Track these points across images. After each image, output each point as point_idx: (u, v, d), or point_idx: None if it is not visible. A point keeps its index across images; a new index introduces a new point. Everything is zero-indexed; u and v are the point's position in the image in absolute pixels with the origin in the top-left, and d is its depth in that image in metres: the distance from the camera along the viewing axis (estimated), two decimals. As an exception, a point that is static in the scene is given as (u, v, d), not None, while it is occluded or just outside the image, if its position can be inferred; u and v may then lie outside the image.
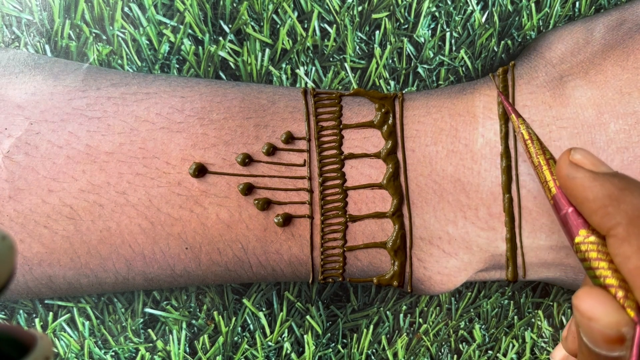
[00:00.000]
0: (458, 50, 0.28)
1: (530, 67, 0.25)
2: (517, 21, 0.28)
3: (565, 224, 0.20)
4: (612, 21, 0.26)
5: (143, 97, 0.25)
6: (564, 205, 0.21)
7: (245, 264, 0.25)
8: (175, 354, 0.28)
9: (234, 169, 0.24)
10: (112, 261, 0.24)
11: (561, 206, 0.21)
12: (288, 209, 0.25)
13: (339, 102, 0.26)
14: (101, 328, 0.28)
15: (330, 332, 0.29)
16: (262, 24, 0.28)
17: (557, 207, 0.21)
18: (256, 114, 0.25)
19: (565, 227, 0.21)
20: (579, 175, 0.19)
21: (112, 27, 0.27)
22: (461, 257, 0.25)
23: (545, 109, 0.24)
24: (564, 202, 0.21)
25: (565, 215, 0.20)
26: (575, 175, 0.20)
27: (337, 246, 0.25)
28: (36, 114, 0.24)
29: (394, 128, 0.25)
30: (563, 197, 0.21)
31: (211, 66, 0.28)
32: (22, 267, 0.24)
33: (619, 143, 0.24)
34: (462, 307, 0.29)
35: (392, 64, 0.28)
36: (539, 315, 0.29)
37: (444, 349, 0.29)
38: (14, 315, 0.28)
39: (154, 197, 0.24)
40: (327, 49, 0.28)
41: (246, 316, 0.28)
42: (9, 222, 0.24)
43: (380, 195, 0.25)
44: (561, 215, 0.21)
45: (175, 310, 0.28)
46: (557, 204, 0.21)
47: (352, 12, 0.28)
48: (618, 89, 0.24)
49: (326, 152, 0.25)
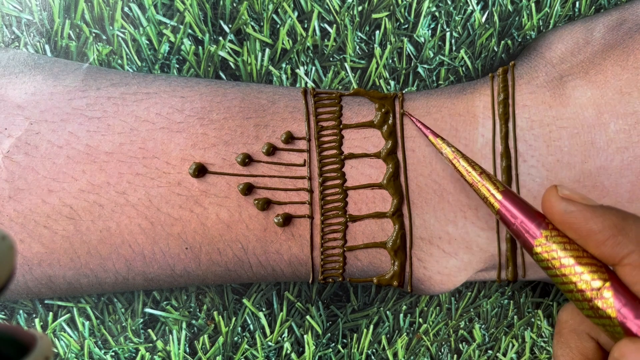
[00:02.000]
0: (458, 50, 0.28)
1: (530, 67, 0.26)
2: (517, 21, 0.28)
3: (519, 235, 0.20)
4: (612, 21, 0.26)
5: (143, 97, 0.25)
6: (513, 217, 0.20)
7: (245, 264, 0.25)
8: (175, 354, 0.28)
9: (234, 169, 0.24)
10: (112, 261, 0.24)
11: (510, 219, 0.20)
12: (288, 209, 0.25)
13: (339, 102, 0.26)
14: (101, 328, 0.28)
15: (330, 332, 0.29)
16: (262, 24, 0.28)
17: (505, 220, 0.20)
18: (256, 114, 0.25)
19: (520, 238, 0.20)
20: (576, 208, 0.19)
21: (112, 27, 0.27)
22: (461, 257, 0.25)
23: (545, 109, 0.24)
24: (512, 213, 0.20)
25: (517, 228, 0.20)
26: (573, 209, 0.19)
27: (337, 246, 0.25)
28: (36, 114, 0.24)
29: (394, 128, 0.25)
30: (509, 209, 0.20)
31: (211, 66, 0.28)
32: (22, 267, 0.24)
33: (619, 143, 0.24)
34: (462, 307, 0.29)
35: (392, 64, 0.28)
36: (539, 314, 0.29)
37: (444, 349, 0.29)
38: (14, 315, 0.28)
39: (154, 197, 0.24)
40: (327, 49, 0.28)
41: (246, 316, 0.28)
42: (9, 222, 0.24)
43: (380, 195, 0.25)
44: (513, 228, 0.20)
45: (175, 310, 0.28)
46: (504, 218, 0.20)
47: (352, 12, 0.28)
48: (618, 88, 0.24)
49: (326, 152, 0.25)
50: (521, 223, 0.20)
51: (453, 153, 0.22)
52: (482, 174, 0.21)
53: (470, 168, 0.22)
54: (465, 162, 0.22)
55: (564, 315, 0.20)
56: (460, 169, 0.22)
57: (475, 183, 0.21)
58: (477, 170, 0.22)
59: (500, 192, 0.21)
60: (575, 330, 0.20)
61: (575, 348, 0.20)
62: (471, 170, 0.22)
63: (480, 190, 0.21)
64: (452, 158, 0.22)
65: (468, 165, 0.22)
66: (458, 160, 0.22)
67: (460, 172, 0.22)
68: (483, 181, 0.21)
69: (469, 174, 0.22)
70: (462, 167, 0.22)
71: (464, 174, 0.22)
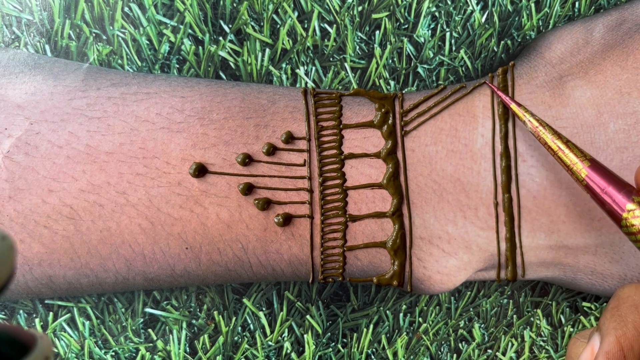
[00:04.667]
0: (458, 50, 0.28)
1: (530, 67, 0.26)
2: (517, 21, 0.28)
3: (605, 203, 0.20)
4: (612, 21, 0.26)
5: (143, 97, 0.25)
6: (601, 185, 0.20)
7: (245, 264, 0.25)
8: (175, 354, 0.28)
9: (234, 169, 0.24)
10: (112, 261, 0.24)
11: (598, 186, 0.20)
12: (288, 208, 0.25)
13: (339, 102, 0.26)
14: (101, 328, 0.28)
15: (330, 332, 0.29)
16: (262, 24, 0.28)
17: (591, 188, 0.20)
18: (256, 114, 0.25)
19: (605, 206, 0.20)
20: None
21: (112, 27, 0.27)
22: (461, 257, 0.25)
23: (544, 109, 0.24)
24: (600, 181, 0.20)
25: (604, 194, 0.20)
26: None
27: (337, 246, 0.25)
28: (36, 114, 0.24)
29: (394, 128, 0.25)
30: (597, 177, 0.20)
31: (211, 66, 0.28)
32: (22, 267, 0.24)
33: (619, 143, 0.24)
34: (462, 307, 0.29)
35: (392, 64, 0.28)
36: (538, 314, 0.29)
37: (444, 348, 0.29)
38: (14, 315, 0.28)
39: (154, 197, 0.24)
40: (327, 49, 0.28)
41: (246, 316, 0.28)
42: (9, 222, 0.24)
43: (380, 195, 0.25)
44: (600, 195, 0.20)
45: (175, 310, 0.28)
46: (591, 186, 0.20)
47: (352, 12, 0.28)
48: (617, 88, 0.24)
49: (326, 152, 0.25)
50: (609, 192, 0.20)
51: (538, 121, 0.23)
52: (568, 142, 0.22)
53: (556, 136, 0.22)
54: (551, 131, 0.22)
55: (626, 291, 0.20)
56: (545, 136, 0.22)
57: (561, 150, 0.21)
58: (563, 139, 0.22)
59: (588, 159, 0.21)
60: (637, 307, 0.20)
61: (632, 322, 0.20)
62: (557, 138, 0.22)
63: (566, 157, 0.21)
64: (537, 125, 0.22)
65: (554, 133, 0.22)
66: (544, 127, 0.22)
67: (545, 140, 0.22)
68: (570, 148, 0.21)
69: (555, 141, 0.22)
70: (547, 135, 0.22)
71: (549, 141, 0.22)
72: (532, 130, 0.23)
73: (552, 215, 0.24)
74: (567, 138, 0.22)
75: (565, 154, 0.21)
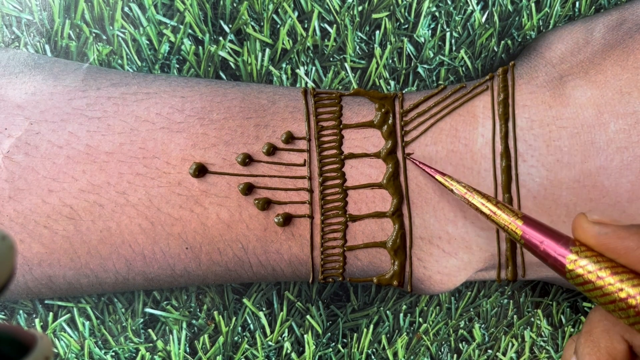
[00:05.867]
0: (458, 50, 0.28)
1: (530, 67, 0.26)
2: (517, 21, 0.28)
3: (547, 257, 0.20)
4: (612, 21, 0.26)
5: (143, 97, 0.25)
6: (539, 238, 0.20)
7: (245, 264, 0.25)
8: (175, 354, 0.28)
9: (234, 169, 0.24)
10: (112, 261, 0.24)
11: (535, 242, 0.20)
12: (288, 208, 0.25)
13: (339, 102, 0.26)
14: (101, 328, 0.28)
15: (330, 332, 0.29)
16: (262, 24, 0.28)
17: (531, 244, 0.20)
18: (256, 114, 0.25)
19: (549, 260, 0.20)
20: (610, 229, 0.19)
21: (112, 27, 0.27)
22: (461, 257, 0.25)
23: (545, 108, 0.24)
24: (537, 235, 0.20)
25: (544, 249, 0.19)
26: (607, 230, 0.19)
27: (337, 246, 0.25)
28: (36, 114, 0.24)
29: (394, 128, 0.25)
30: (532, 232, 0.20)
31: (211, 66, 0.28)
32: (22, 267, 0.24)
33: (619, 143, 0.24)
34: (462, 307, 0.29)
35: (392, 64, 0.28)
36: (538, 314, 0.29)
37: (444, 349, 0.29)
38: (14, 315, 0.28)
39: (154, 197, 0.24)
40: (327, 49, 0.28)
41: (246, 316, 0.28)
42: (9, 222, 0.24)
43: (380, 195, 0.25)
44: (540, 251, 0.20)
45: (175, 310, 0.28)
46: (530, 242, 0.20)
47: (352, 12, 0.28)
48: (618, 88, 0.24)
49: (326, 152, 0.25)
50: (548, 245, 0.19)
51: (465, 188, 0.22)
52: (498, 204, 0.21)
53: (485, 200, 0.22)
54: (479, 195, 0.22)
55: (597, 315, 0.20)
56: (475, 202, 0.22)
57: (493, 213, 0.21)
58: (492, 202, 0.21)
59: (520, 218, 0.21)
60: (609, 331, 0.20)
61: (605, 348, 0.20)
62: (487, 202, 0.22)
63: (499, 219, 0.21)
64: (464, 192, 0.22)
65: (482, 197, 0.22)
66: (472, 194, 0.22)
67: (475, 206, 0.22)
68: (501, 210, 0.21)
69: (486, 205, 0.21)
70: (476, 200, 0.22)
71: (479, 207, 0.22)
72: (461, 197, 0.23)
73: (552, 215, 0.24)
74: (496, 200, 0.22)
75: (498, 215, 0.21)
